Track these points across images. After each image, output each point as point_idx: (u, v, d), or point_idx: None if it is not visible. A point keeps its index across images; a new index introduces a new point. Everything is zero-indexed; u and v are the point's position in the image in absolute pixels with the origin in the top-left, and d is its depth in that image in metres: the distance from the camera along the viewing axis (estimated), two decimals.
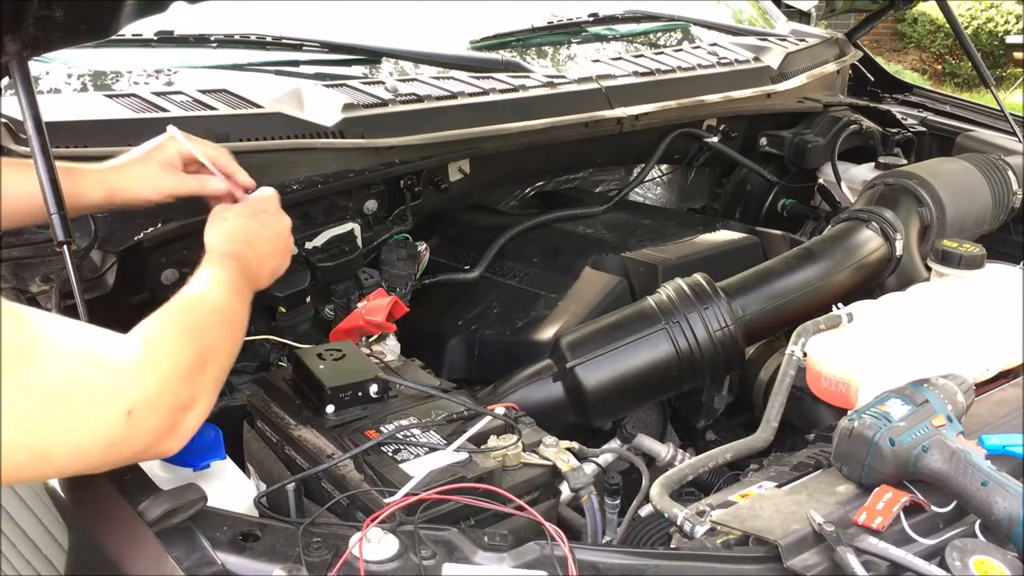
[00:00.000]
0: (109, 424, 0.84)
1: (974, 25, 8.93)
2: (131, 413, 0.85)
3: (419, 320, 1.60)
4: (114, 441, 0.85)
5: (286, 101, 1.70)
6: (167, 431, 0.91)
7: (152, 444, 0.90)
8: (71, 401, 0.82)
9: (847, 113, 2.34)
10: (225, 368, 1.03)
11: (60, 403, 0.81)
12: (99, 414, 0.84)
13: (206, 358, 0.97)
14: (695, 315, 1.49)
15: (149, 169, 1.32)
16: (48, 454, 0.82)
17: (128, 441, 0.87)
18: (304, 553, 0.90)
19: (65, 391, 0.82)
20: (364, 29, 2.11)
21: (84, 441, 0.84)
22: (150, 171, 1.31)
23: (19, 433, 0.79)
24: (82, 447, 0.84)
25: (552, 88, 1.95)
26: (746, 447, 1.23)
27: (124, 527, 0.94)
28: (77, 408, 0.83)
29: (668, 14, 2.62)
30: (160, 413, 0.89)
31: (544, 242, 1.91)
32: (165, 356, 0.92)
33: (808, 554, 0.96)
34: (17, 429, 0.79)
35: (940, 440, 1.06)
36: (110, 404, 0.85)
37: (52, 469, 0.87)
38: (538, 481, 1.16)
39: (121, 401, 0.85)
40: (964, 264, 1.54)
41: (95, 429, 0.84)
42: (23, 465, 0.82)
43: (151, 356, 0.90)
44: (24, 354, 0.80)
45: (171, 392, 0.90)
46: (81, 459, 0.86)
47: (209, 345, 0.98)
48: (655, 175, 2.45)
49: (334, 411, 1.22)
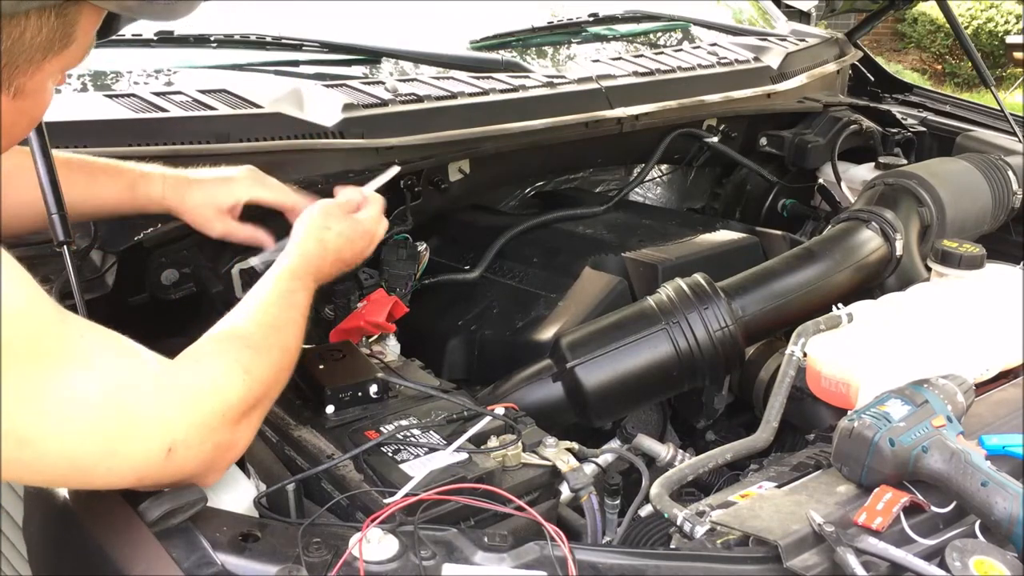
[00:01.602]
0: (147, 457, 0.85)
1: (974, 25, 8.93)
2: (171, 451, 0.85)
3: (419, 320, 1.60)
4: (147, 474, 0.86)
5: (286, 101, 1.70)
6: (205, 471, 0.92)
7: (185, 479, 0.91)
8: (115, 425, 0.82)
9: (847, 113, 2.34)
10: (269, 406, 1.01)
11: (104, 424, 0.81)
12: (139, 446, 0.84)
13: (256, 402, 0.96)
14: (695, 315, 1.49)
15: (205, 209, 1.33)
16: (85, 469, 0.83)
17: (162, 475, 0.88)
18: (304, 553, 0.90)
19: (111, 414, 0.81)
20: (364, 29, 2.11)
21: (120, 466, 0.84)
22: (206, 210, 1.33)
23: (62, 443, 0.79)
24: (117, 471, 0.84)
25: (552, 88, 1.95)
26: (746, 447, 1.23)
27: (124, 527, 0.94)
28: (119, 433, 0.82)
29: (668, 14, 2.62)
30: (201, 456, 0.89)
31: (544, 242, 1.91)
32: (214, 396, 0.90)
33: (808, 554, 0.96)
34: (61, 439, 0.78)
35: (940, 440, 1.06)
36: (152, 438, 0.84)
37: (85, 482, 0.87)
38: (538, 481, 1.16)
39: (163, 437, 0.85)
40: (964, 264, 1.54)
41: (133, 459, 0.84)
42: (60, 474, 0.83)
43: (199, 394, 0.89)
44: (78, 366, 0.79)
45: (215, 436, 0.90)
46: (114, 480, 0.86)
47: (262, 388, 0.97)
48: (655, 175, 2.45)
49: (334, 411, 1.22)
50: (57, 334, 0.79)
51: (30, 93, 0.87)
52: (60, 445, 0.79)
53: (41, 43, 0.83)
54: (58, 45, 0.85)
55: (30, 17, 0.81)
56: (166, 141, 1.52)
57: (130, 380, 0.84)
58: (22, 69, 0.84)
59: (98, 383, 0.81)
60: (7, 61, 0.82)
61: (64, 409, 0.78)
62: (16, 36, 0.81)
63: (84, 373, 0.80)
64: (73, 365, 0.79)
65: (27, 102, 0.88)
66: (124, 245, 1.38)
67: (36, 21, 0.81)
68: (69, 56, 0.87)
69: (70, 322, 0.82)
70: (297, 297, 1.11)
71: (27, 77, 0.85)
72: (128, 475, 0.86)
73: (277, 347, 1.04)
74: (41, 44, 0.83)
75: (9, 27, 0.80)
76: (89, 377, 0.80)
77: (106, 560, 0.93)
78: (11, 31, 0.80)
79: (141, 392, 0.84)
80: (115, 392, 0.82)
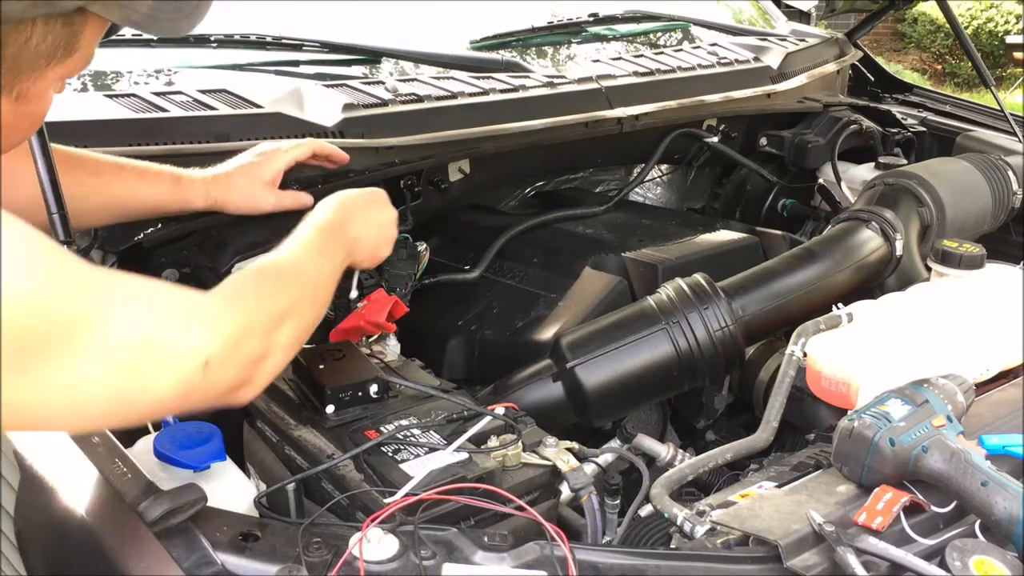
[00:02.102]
0: (186, 376, 0.88)
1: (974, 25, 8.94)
2: (207, 365, 0.89)
3: (419, 320, 1.60)
4: (190, 391, 0.90)
5: (286, 101, 1.70)
6: (242, 382, 0.95)
7: (226, 393, 0.95)
8: (152, 355, 0.86)
9: (847, 113, 2.34)
10: (303, 327, 1.06)
11: (142, 356, 0.85)
12: (177, 366, 0.88)
13: (282, 316, 1.00)
14: (695, 315, 1.49)
15: (252, 185, 1.43)
16: (132, 402, 0.87)
17: (204, 390, 0.91)
18: (304, 553, 0.90)
19: (147, 345, 0.86)
20: (364, 29, 2.11)
21: (163, 391, 0.87)
22: (253, 187, 1.43)
23: (106, 384, 0.83)
24: (161, 397, 0.88)
25: (552, 88, 1.95)
26: (746, 447, 1.23)
27: (124, 527, 0.94)
28: (157, 361, 0.86)
29: (668, 14, 2.62)
30: (235, 366, 0.93)
31: (544, 242, 1.91)
32: (239, 312, 0.95)
33: (808, 554, 0.96)
34: (105, 381, 0.83)
35: (940, 440, 1.06)
36: (187, 357, 0.88)
37: (136, 416, 0.92)
38: (538, 481, 1.16)
39: (198, 354, 0.89)
40: (964, 264, 1.54)
41: (173, 380, 0.88)
42: (110, 413, 0.88)
43: (225, 312, 0.94)
44: (111, 308, 0.84)
45: (245, 347, 0.94)
46: (160, 407, 0.92)
47: (285, 305, 1.02)
48: (655, 175, 2.45)
49: (334, 411, 1.22)
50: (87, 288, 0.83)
51: (32, 98, 0.89)
52: (105, 388, 0.83)
53: (46, 50, 0.86)
54: (62, 53, 0.87)
55: (36, 24, 0.83)
56: (166, 141, 1.52)
57: (159, 311, 0.88)
58: (25, 75, 0.86)
59: (131, 322, 0.85)
60: (11, 66, 0.84)
61: (104, 353, 0.82)
62: (22, 42, 0.83)
63: (117, 317, 0.84)
64: (106, 312, 0.83)
65: (29, 107, 0.90)
66: (124, 245, 1.38)
67: (42, 29, 0.84)
68: (71, 64, 0.89)
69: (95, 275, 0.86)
70: (326, 246, 1.17)
71: (30, 83, 0.87)
72: (172, 398, 0.89)
73: (302, 276, 1.09)
74: (46, 51, 0.86)
75: (16, 33, 0.82)
76: (122, 318, 0.84)
77: (106, 560, 0.93)
78: (17, 37, 0.83)
79: (170, 318, 0.89)
80: (147, 325, 0.86)
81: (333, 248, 1.18)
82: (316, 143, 1.52)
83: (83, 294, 0.83)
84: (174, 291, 0.94)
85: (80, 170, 1.30)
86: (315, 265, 1.12)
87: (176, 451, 1.11)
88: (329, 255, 1.16)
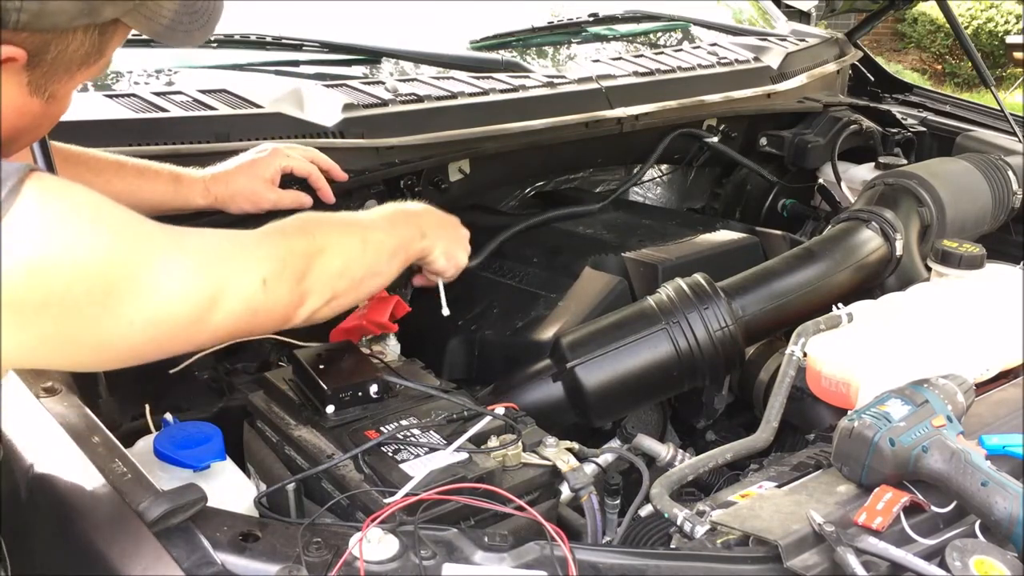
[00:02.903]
0: (252, 291, 0.98)
1: (974, 25, 8.94)
2: (265, 282, 0.99)
3: (419, 320, 1.60)
4: (258, 307, 0.99)
5: (286, 101, 1.70)
6: (298, 302, 1.05)
7: (287, 312, 1.05)
8: (216, 276, 0.95)
9: (847, 113, 2.34)
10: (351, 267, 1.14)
11: (209, 279, 0.94)
12: (243, 281, 0.97)
13: (323, 245, 1.09)
14: (695, 315, 1.49)
15: (253, 183, 1.45)
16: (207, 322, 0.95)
17: (268, 308, 1.01)
18: (304, 553, 0.90)
19: (210, 270, 0.95)
20: (364, 29, 2.11)
21: (235, 307, 0.96)
22: (254, 185, 1.45)
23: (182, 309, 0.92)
24: (233, 313, 0.96)
25: (552, 88, 1.95)
26: (746, 447, 1.23)
27: (124, 527, 0.94)
28: (222, 281, 0.95)
29: (668, 14, 2.62)
30: (287, 281, 1.03)
31: (544, 242, 1.91)
32: (280, 239, 1.06)
33: (808, 554, 0.96)
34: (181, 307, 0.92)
35: (940, 440, 1.06)
36: (249, 273, 0.98)
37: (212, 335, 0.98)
38: (538, 481, 1.16)
39: (257, 271, 0.99)
40: (964, 264, 1.54)
41: (242, 295, 0.97)
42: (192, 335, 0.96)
43: (267, 240, 1.04)
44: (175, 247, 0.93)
45: (291, 263, 1.04)
46: (235, 323, 0.98)
47: (326, 238, 1.10)
48: (655, 175, 2.45)
49: (334, 411, 1.22)
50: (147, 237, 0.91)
51: (60, 99, 0.97)
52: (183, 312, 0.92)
53: (81, 56, 0.92)
54: (93, 58, 0.94)
55: (78, 33, 0.90)
56: (166, 141, 1.53)
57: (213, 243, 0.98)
58: (59, 77, 0.93)
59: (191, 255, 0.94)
60: (49, 70, 0.91)
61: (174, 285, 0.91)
62: (63, 48, 0.90)
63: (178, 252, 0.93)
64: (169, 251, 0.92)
65: (56, 107, 0.97)
66: None
67: (81, 36, 0.91)
68: (97, 69, 0.97)
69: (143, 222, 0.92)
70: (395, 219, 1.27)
71: (60, 84, 0.94)
72: (244, 315, 0.98)
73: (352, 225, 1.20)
74: (80, 57, 0.92)
75: (59, 40, 0.89)
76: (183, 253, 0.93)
77: (106, 560, 0.93)
78: (59, 43, 0.89)
79: (224, 249, 0.98)
80: (206, 255, 0.95)
81: (401, 225, 1.26)
82: (317, 153, 1.53)
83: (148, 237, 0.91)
84: (220, 230, 1.01)
85: (81, 168, 1.30)
86: (376, 225, 1.22)
87: (176, 451, 1.11)
88: (394, 229, 1.24)
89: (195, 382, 1.42)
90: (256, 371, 1.48)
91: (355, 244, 1.16)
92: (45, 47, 0.89)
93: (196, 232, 0.97)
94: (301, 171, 1.50)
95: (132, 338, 0.90)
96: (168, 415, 1.24)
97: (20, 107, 0.93)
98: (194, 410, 1.34)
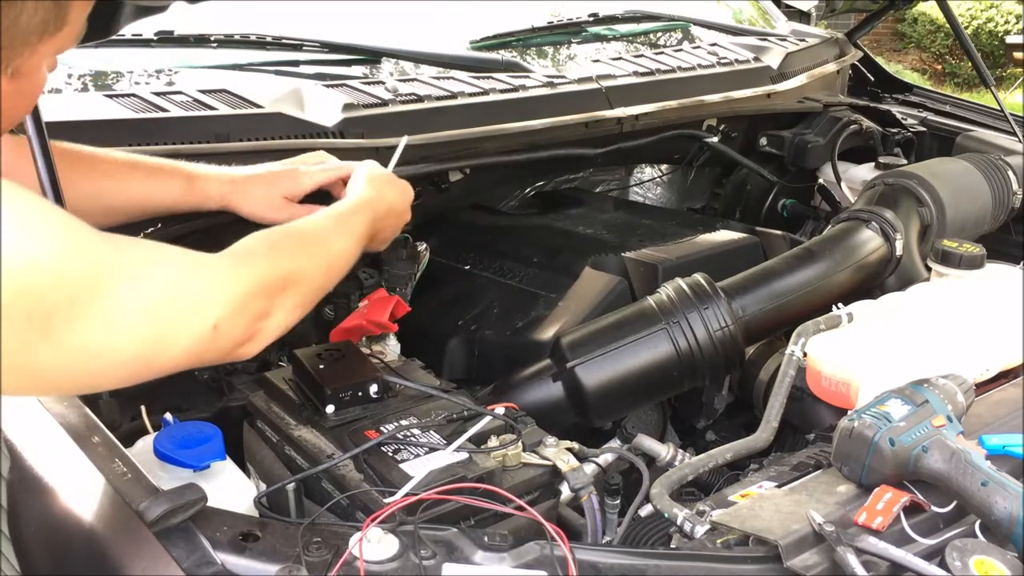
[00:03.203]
0: (200, 338, 0.95)
1: (974, 25, 8.94)
2: (216, 328, 0.96)
3: (419, 320, 1.60)
4: (203, 350, 0.97)
5: (286, 101, 1.70)
6: (246, 339, 1.02)
7: (232, 350, 1.01)
8: (168, 319, 0.92)
9: (847, 113, 2.34)
10: (309, 295, 1.11)
11: (159, 321, 0.92)
12: (191, 330, 0.94)
13: (288, 280, 1.06)
14: (695, 315, 1.49)
15: (271, 196, 1.40)
16: (149, 362, 0.93)
17: (214, 348, 0.98)
18: (304, 553, 0.90)
19: (163, 311, 0.92)
20: (364, 29, 2.11)
21: (178, 352, 0.94)
22: (272, 199, 1.40)
23: (128, 347, 0.89)
24: (176, 357, 0.95)
25: (552, 88, 1.95)
26: (746, 447, 1.23)
27: (124, 527, 0.94)
28: (173, 325, 0.93)
29: (668, 14, 2.62)
30: (241, 325, 1.00)
31: (544, 242, 1.91)
32: (247, 273, 1.01)
33: (808, 554, 0.96)
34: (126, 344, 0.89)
35: (940, 440, 1.06)
36: (199, 321, 0.95)
37: (150, 375, 0.96)
38: (538, 481, 1.16)
39: (208, 318, 0.95)
40: (964, 264, 1.54)
41: (188, 342, 0.94)
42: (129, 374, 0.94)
43: (234, 274, 1.00)
44: (127, 280, 0.89)
45: (251, 306, 1.00)
46: (175, 364, 0.96)
47: (294, 268, 1.07)
48: (655, 175, 2.45)
49: (334, 411, 1.22)
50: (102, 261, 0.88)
51: (26, 74, 0.92)
52: (126, 349, 0.90)
53: (36, 26, 0.87)
54: (52, 27, 0.89)
55: (27, 2, 0.85)
56: (166, 141, 1.52)
57: (172, 277, 0.94)
58: (18, 51, 0.88)
59: (146, 289, 0.91)
60: (5, 43, 0.86)
61: (123, 319, 0.88)
62: (13, 18, 0.85)
63: (133, 284, 0.89)
64: (123, 281, 0.88)
65: (23, 83, 0.92)
66: None
67: (32, 4, 0.86)
68: (62, 39, 0.91)
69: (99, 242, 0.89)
70: (351, 221, 1.22)
71: (23, 59, 0.89)
72: (186, 358, 0.96)
73: (318, 244, 1.15)
74: (36, 27, 0.88)
75: (7, 10, 0.84)
76: (138, 286, 0.90)
77: (106, 560, 0.93)
78: (8, 13, 0.85)
79: (183, 285, 0.95)
80: (161, 292, 0.92)
81: (360, 225, 1.23)
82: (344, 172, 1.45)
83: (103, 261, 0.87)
84: (186, 255, 0.97)
85: (92, 169, 1.29)
86: (336, 237, 1.18)
87: (176, 450, 1.11)
88: (354, 231, 1.21)
89: (195, 382, 1.42)
90: (256, 371, 1.48)
91: (319, 270, 1.14)
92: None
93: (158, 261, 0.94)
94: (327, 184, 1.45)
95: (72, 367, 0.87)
96: (168, 415, 1.24)
97: None
98: (194, 410, 1.34)
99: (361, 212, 1.25)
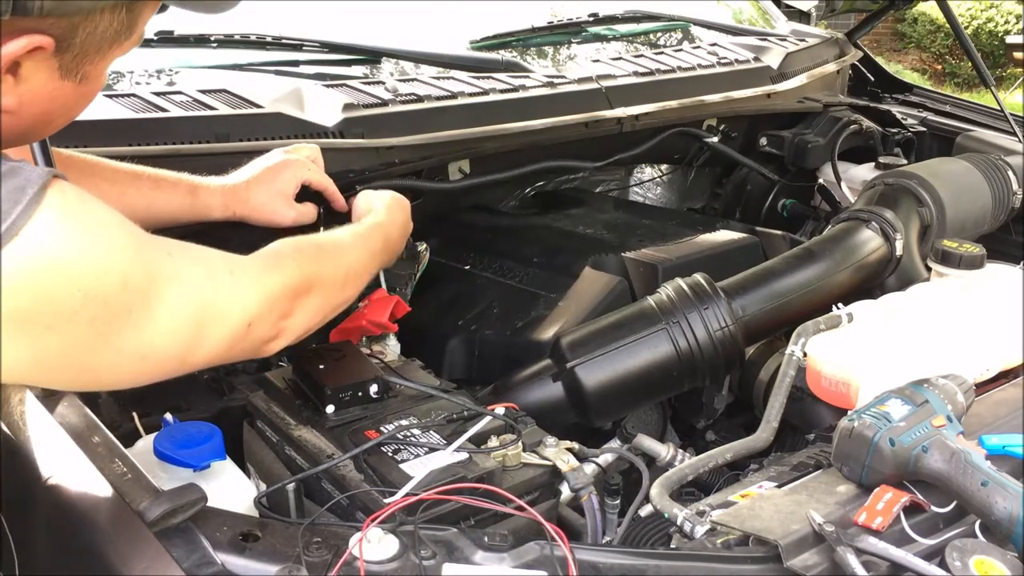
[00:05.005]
0: (235, 335, 1.03)
1: (974, 25, 8.93)
2: (250, 325, 1.04)
3: (419, 320, 1.60)
4: (235, 347, 1.04)
5: (286, 101, 1.70)
6: (272, 337, 1.09)
7: (260, 347, 1.09)
8: (206, 319, 0.99)
9: (847, 113, 2.34)
10: (329, 301, 1.18)
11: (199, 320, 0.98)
12: (228, 328, 1.02)
13: (311, 283, 1.13)
14: (695, 315, 1.49)
15: (273, 200, 1.43)
16: (188, 359, 1.00)
17: (245, 345, 1.06)
18: (304, 553, 0.90)
19: (202, 311, 0.98)
20: (364, 29, 2.11)
21: (212, 348, 1.01)
22: (274, 203, 1.43)
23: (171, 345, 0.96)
24: (210, 353, 1.02)
25: (552, 88, 1.95)
26: (746, 447, 1.23)
27: (124, 527, 0.94)
28: (211, 324, 1.00)
29: (668, 14, 2.62)
30: (269, 323, 1.07)
31: (544, 242, 1.91)
32: (276, 274, 1.08)
33: (808, 554, 0.96)
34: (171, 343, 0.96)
35: (940, 440, 1.06)
36: (236, 319, 1.02)
37: (187, 370, 1.03)
38: (538, 481, 1.16)
39: (244, 316, 1.03)
40: (964, 264, 1.54)
41: (224, 339, 1.02)
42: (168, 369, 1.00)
43: (266, 275, 1.07)
44: (170, 282, 0.95)
45: (278, 306, 1.08)
46: (209, 360, 1.04)
47: (316, 273, 1.15)
48: (655, 175, 2.45)
49: (334, 411, 1.22)
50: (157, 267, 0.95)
51: (93, 79, 0.96)
52: (170, 348, 0.96)
53: (111, 35, 0.92)
54: (124, 36, 0.94)
55: (104, 13, 0.90)
56: (166, 141, 1.52)
57: (214, 279, 1.01)
58: (91, 58, 0.93)
59: (191, 292, 0.97)
60: (80, 52, 0.91)
61: (171, 322, 0.95)
62: (91, 29, 0.90)
63: (181, 287, 0.96)
64: (173, 285, 0.95)
65: (89, 87, 0.97)
66: None
67: (109, 16, 0.90)
68: (128, 45, 0.96)
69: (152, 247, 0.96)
70: (370, 238, 1.30)
71: (93, 65, 0.94)
72: (219, 353, 1.03)
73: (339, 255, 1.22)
74: (110, 36, 0.92)
75: (86, 22, 0.89)
76: (184, 289, 0.96)
77: (106, 560, 0.93)
78: (87, 25, 0.89)
79: (221, 285, 1.01)
80: (205, 293, 0.99)
81: (377, 244, 1.31)
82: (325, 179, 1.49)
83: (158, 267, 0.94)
84: (224, 257, 1.04)
85: (96, 177, 1.30)
86: (355, 251, 1.25)
87: (176, 450, 1.11)
88: (371, 248, 1.29)
89: (195, 382, 1.42)
90: (256, 371, 1.48)
91: (338, 279, 1.20)
92: (73, 31, 0.88)
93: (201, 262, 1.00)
94: (319, 185, 1.47)
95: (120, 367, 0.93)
96: (168, 415, 1.24)
97: (51, 92, 0.93)
98: (194, 410, 1.34)
99: (378, 232, 1.32)
